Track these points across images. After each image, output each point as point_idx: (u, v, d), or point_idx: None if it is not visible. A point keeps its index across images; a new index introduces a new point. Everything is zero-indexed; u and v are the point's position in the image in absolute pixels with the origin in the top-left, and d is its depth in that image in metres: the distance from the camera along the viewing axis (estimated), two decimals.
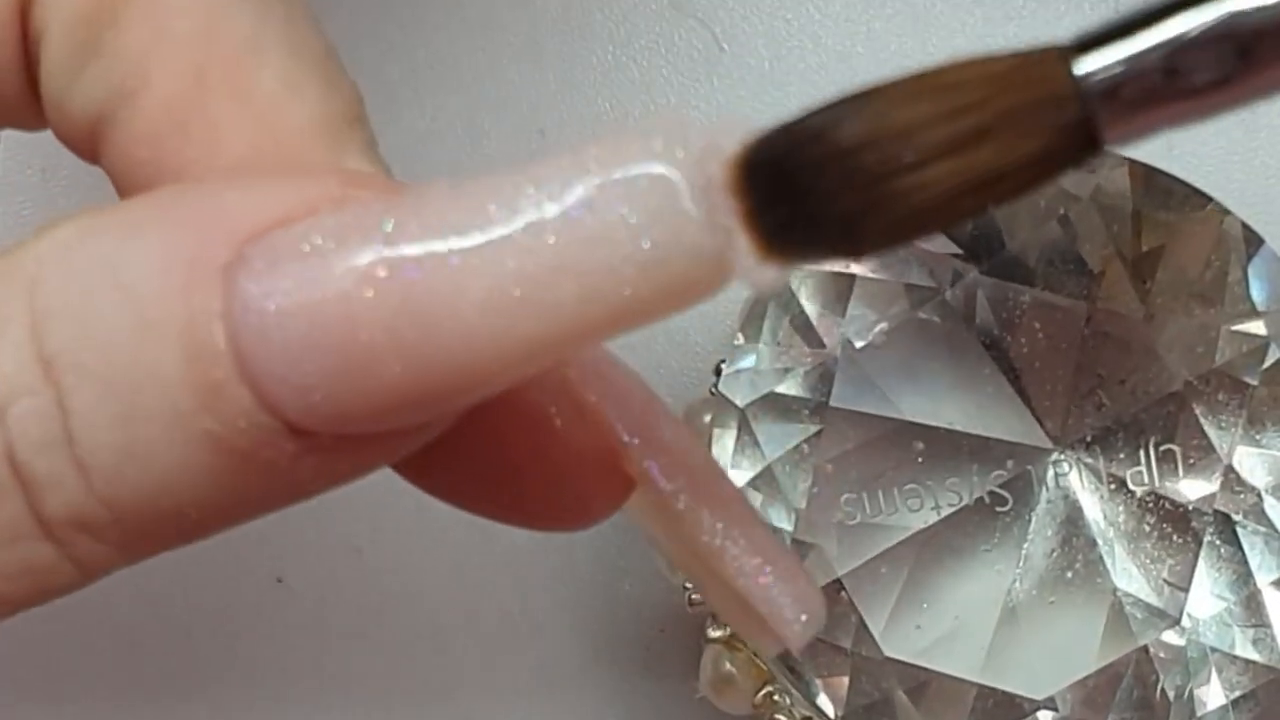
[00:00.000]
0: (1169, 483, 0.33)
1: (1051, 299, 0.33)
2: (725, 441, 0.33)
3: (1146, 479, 0.33)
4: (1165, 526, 0.33)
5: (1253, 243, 0.33)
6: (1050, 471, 0.33)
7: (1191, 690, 0.32)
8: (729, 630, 0.33)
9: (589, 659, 0.37)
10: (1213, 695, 0.32)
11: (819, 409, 0.33)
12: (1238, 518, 0.33)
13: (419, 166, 0.37)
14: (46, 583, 0.19)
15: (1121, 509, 0.33)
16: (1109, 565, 0.33)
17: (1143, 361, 0.33)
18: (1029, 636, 0.33)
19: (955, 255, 0.33)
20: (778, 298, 0.33)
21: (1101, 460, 0.33)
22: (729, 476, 0.32)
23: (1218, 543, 0.33)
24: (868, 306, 0.33)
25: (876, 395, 0.33)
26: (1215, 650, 0.32)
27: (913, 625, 0.33)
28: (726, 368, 0.33)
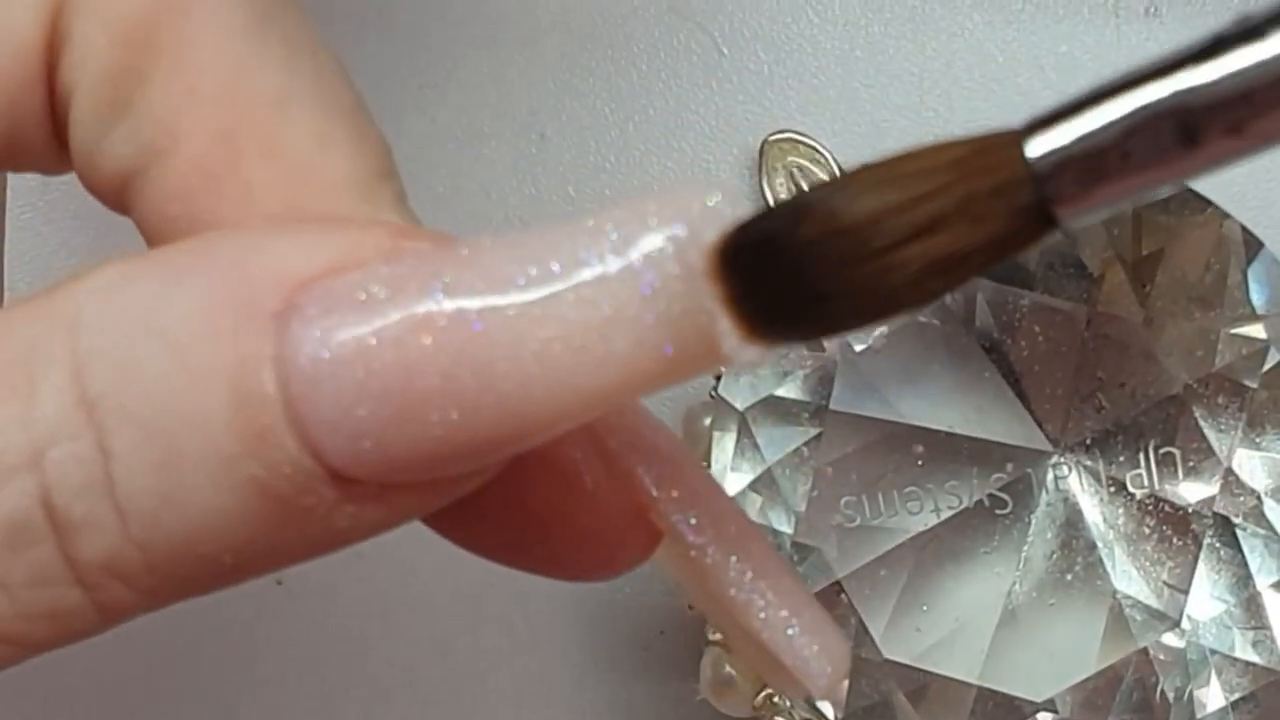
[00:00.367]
0: (1169, 485, 0.33)
1: (1051, 302, 0.33)
2: (725, 444, 0.33)
3: (1146, 482, 0.33)
4: (1165, 529, 0.33)
5: (1252, 246, 0.33)
6: (1050, 474, 0.33)
7: (1191, 692, 0.32)
8: None
9: (589, 661, 0.37)
10: (1212, 697, 0.32)
11: (819, 412, 0.33)
12: (1237, 520, 0.33)
13: (420, 170, 0.37)
14: (67, 627, 0.19)
15: (1121, 511, 0.33)
16: (1109, 568, 0.33)
17: (1142, 365, 0.33)
18: (1029, 639, 0.33)
19: None
20: None
21: (1101, 463, 0.33)
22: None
23: (1217, 545, 0.33)
24: None
25: (876, 398, 0.33)
26: (1215, 652, 0.32)
27: (912, 628, 0.33)
28: (726, 371, 0.33)
